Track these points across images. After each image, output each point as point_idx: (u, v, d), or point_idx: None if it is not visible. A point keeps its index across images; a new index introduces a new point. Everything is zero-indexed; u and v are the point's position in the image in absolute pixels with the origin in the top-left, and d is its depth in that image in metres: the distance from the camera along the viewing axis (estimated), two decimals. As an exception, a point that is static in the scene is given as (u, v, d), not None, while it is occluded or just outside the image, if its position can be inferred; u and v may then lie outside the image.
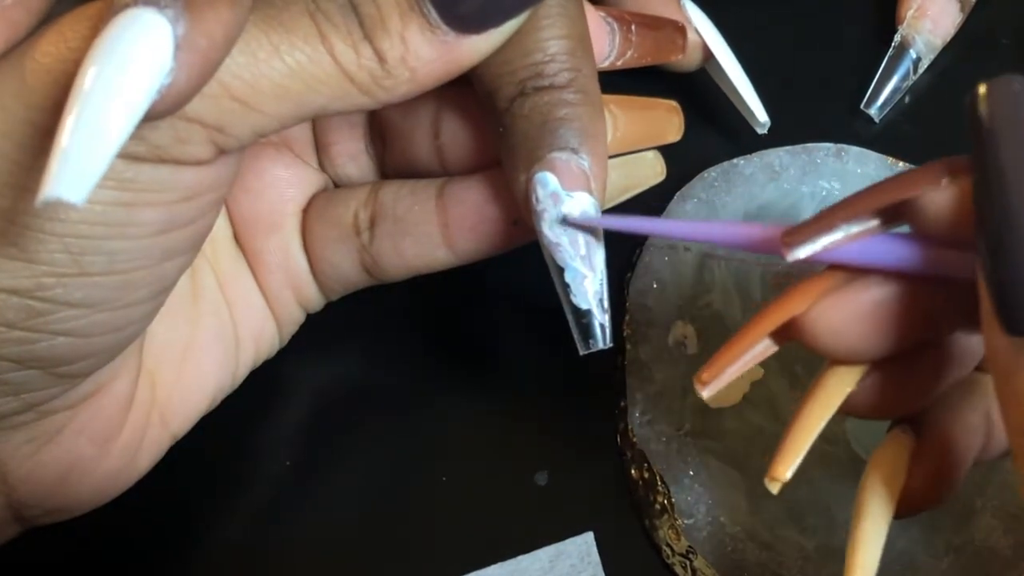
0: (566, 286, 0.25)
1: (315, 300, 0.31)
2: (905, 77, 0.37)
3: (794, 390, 0.32)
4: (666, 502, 0.31)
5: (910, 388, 0.22)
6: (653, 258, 0.34)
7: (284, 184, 0.30)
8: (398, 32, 0.22)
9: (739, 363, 0.21)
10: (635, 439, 0.32)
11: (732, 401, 0.32)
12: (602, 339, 0.25)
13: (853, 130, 0.38)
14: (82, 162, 0.18)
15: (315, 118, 0.27)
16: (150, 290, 0.23)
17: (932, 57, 0.38)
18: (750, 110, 0.35)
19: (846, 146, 0.36)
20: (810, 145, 0.36)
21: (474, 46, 0.23)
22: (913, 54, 0.37)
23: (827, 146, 0.36)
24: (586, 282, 0.25)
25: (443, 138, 0.28)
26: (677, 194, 0.35)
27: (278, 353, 0.31)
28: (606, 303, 0.25)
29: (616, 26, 0.29)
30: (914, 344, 0.21)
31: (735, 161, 0.36)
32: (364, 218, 0.29)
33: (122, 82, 0.18)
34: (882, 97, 0.37)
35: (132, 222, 0.22)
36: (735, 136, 0.37)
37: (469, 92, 0.26)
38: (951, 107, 0.38)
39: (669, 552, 0.31)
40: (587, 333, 0.25)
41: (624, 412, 0.33)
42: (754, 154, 0.36)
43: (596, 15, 0.28)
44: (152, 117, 0.19)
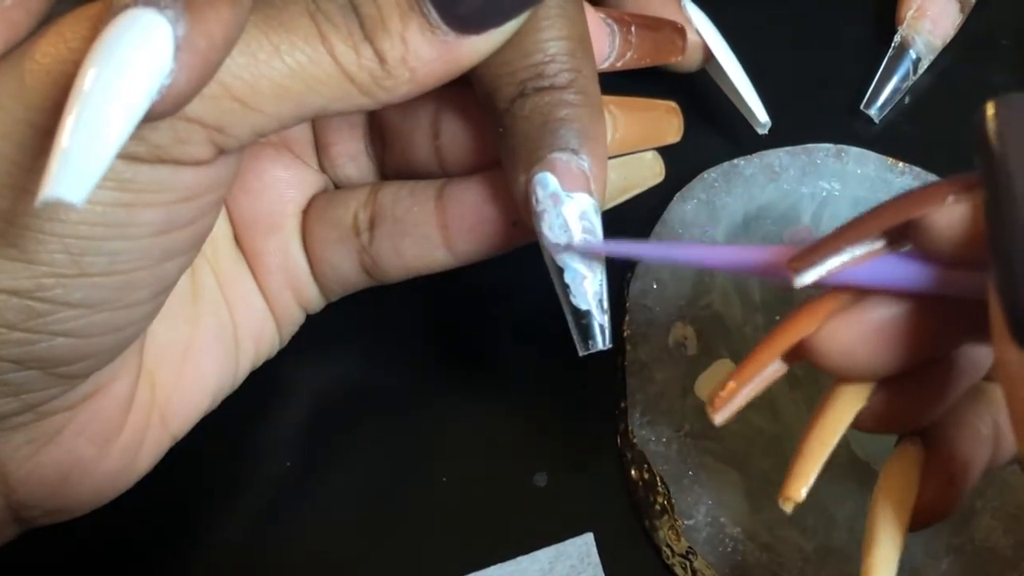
0: (566, 287, 0.25)
1: (315, 301, 0.31)
2: (905, 78, 0.37)
3: (794, 391, 0.32)
4: (666, 503, 0.31)
5: (919, 402, 0.22)
6: (653, 259, 0.34)
7: (284, 185, 0.30)
8: (398, 32, 0.22)
9: (751, 386, 0.21)
10: (635, 440, 0.32)
11: (732, 402, 0.32)
12: (601, 340, 0.25)
13: (853, 130, 0.38)
14: (82, 163, 0.18)
15: (315, 118, 0.26)
16: (150, 291, 0.23)
17: (932, 58, 0.38)
18: (751, 110, 0.35)
19: (846, 147, 0.36)
20: (810, 146, 0.36)
21: (474, 46, 0.23)
22: (913, 55, 0.37)
23: (827, 147, 0.36)
24: (585, 283, 0.25)
25: (443, 139, 0.28)
26: (677, 195, 0.35)
27: (278, 354, 0.31)
28: (605, 304, 0.25)
29: (616, 27, 0.29)
30: (923, 360, 0.21)
31: (735, 162, 0.36)
32: (364, 219, 0.29)
33: (122, 83, 0.18)
34: (882, 97, 0.37)
35: (132, 222, 0.22)
36: (735, 137, 0.37)
37: (469, 93, 0.26)
38: (951, 108, 0.38)
39: (669, 553, 0.31)
40: (586, 334, 0.25)
41: (624, 413, 0.32)
42: (754, 155, 0.36)
43: (596, 16, 0.28)
44: (152, 118, 0.19)
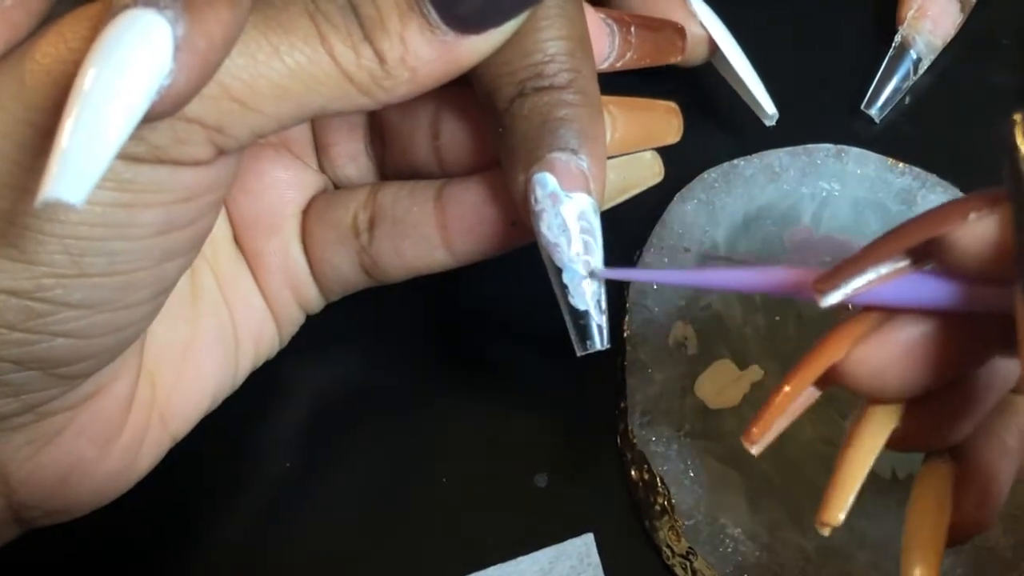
0: (564, 287, 0.25)
1: (315, 301, 0.31)
2: (905, 78, 0.37)
3: (794, 391, 0.32)
4: (666, 503, 0.31)
5: (949, 419, 0.22)
6: (653, 259, 0.34)
7: (284, 185, 0.30)
8: (398, 32, 0.22)
9: (785, 416, 0.22)
10: (635, 440, 0.32)
11: (732, 403, 0.32)
12: (600, 340, 0.25)
13: (853, 131, 0.37)
14: (82, 163, 0.18)
15: (314, 119, 0.27)
16: (150, 291, 0.23)
17: (932, 58, 0.38)
18: (758, 102, 0.35)
19: (846, 147, 0.36)
20: (810, 146, 0.36)
21: (474, 46, 0.23)
22: (913, 54, 0.37)
23: (827, 147, 0.36)
24: (584, 283, 0.25)
25: (442, 139, 0.28)
26: (677, 195, 0.35)
27: (278, 354, 0.31)
28: (604, 304, 0.25)
29: (615, 27, 0.29)
30: (952, 377, 0.21)
31: (735, 162, 0.36)
32: (363, 219, 0.29)
33: (121, 83, 0.18)
34: (882, 98, 0.37)
35: (132, 223, 0.22)
36: (735, 137, 0.37)
37: (468, 93, 0.26)
38: (952, 108, 0.38)
39: (669, 553, 0.31)
40: (585, 334, 0.25)
41: (624, 413, 0.32)
42: (754, 155, 0.36)
43: (595, 16, 0.28)
44: (151, 118, 0.19)
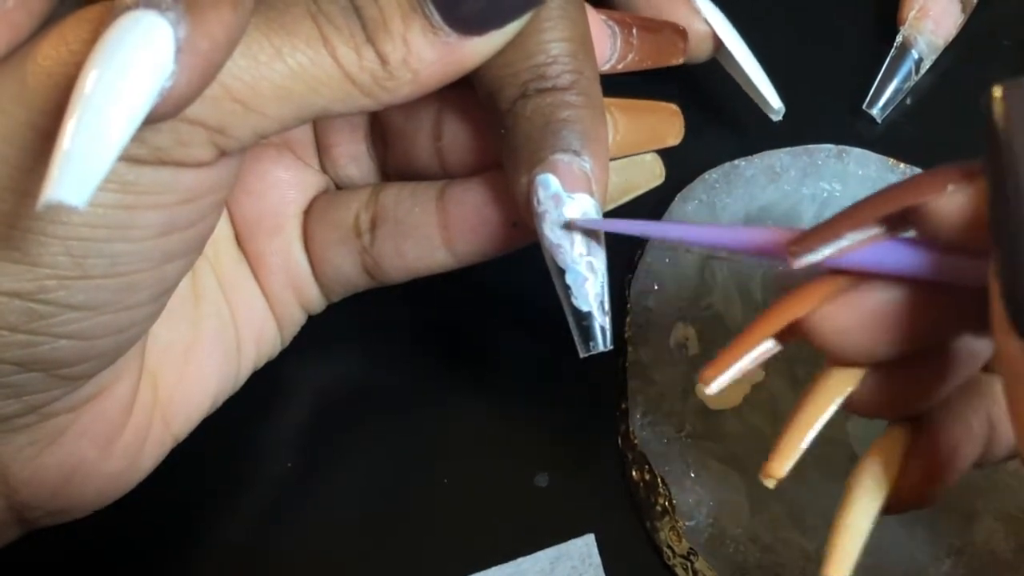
0: (567, 288, 0.25)
1: (316, 301, 0.31)
2: (907, 78, 0.37)
3: (795, 392, 0.32)
4: (667, 504, 0.31)
5: (912, 389, 0.22)
6: (654, 259, 0.34)
7: (285, 186, 0.30)
8: (400, 34, 0.22)
9: (742, 362, 0.21)
10: (636, 441, 0.32)
11: (733, 403, 0.32)
12: (603, 341, 0.25)
13: (855, 131, 0.37)
14: (84, 165, 0.18)
15: (316, 120, 0.27)
16: (152, 292, 0.23)
17: (934, 58, 0.38)
18: (763, 97, 0.35)
19: (847, 147, 0.36)
20: (811, 146, 0.36)
21: (476, 48, 0.23)
22: (915, 55, 0.37)
23: (828, 147, 0.36)
24: (587, 284, 0.25)
25: (444, 140, 0.28)
26: (678, 195, 0.35)
27: (279, 354, 0.31)
28: (607, 305, 0.25)
29: (617, 29, 0.29)
30: (920, 347, 0.21)
31: (736, 162, 0.36)
32: (365, 220, 0.29)
33: (123, 85, 0.18)
34: (884, 98, 0.37)
35: (134, 224, 0.22)
36: (736, 137, 0.37)
37: (470, 94, 0.26)
38: (953, 108, 0.38)
39: (670, 554, 0.31)
40: (588, 335, 0.25)
41: (625, 414, 0.32)
42: (755, 155, 0.36)
43: (597, 18, 0.28)
44: (153, 120, 0.19)
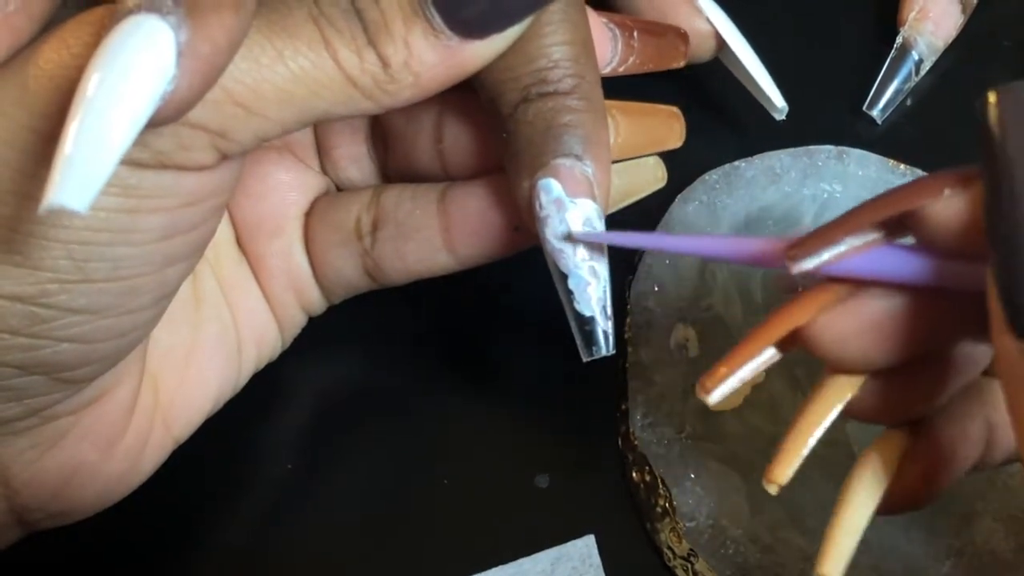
0: (569, 293, 0.25)
1: (317, 303, 0.31)
2: (907, 79, 0.37)
3: (795, 393, 0.32)
4: (667, 505, 0.31)
5: (911, 395, 0.22)
6: (654, 261, 0.34)
7: (286, 188, 0.30)
8: (402, 37, 0.22)
9: (743, 371, 0.21)
10: (636, 442, 0.32)
11: (733, 404, 0.32)
12: (605, 346, 0.25)
13: (855, 132, 0.37)
14: (85, 169, 0.18)
15: (318, 123, 0.26)
16: (153, 295, 0.23)
17: (934, 59, 0.38)
18: (767, 96, 0.35)
19: (847, 148, 0.36)
20: (811, 147, 0.36)
21: (478, 51, 0.23)
22: (915, 56, 0.37)
23: (828, 148, 0.36)
24: (589, 289, 0.25)
25: (445, 143, 0.28)
26: (678, 196, 0.35)
27: (280, 355, 0.31)
28: (609, 310, 0.25)
29: (618, 32, 0.29)
30: (919, 354, 0.21)
31: (736, 163, 0.36)
32: (366, 222, 0.29)
33: (125, 89, 0.18)
34: (884, 99, 0.37)
35: (135, 228, 0.22)
36: (736, 138, 0.37)
37: (472, 97, 0.26)
38: (953, 109, 0.38)
39: (670, 555, 0.31)
40: (590, 340, 0.25)
41: (625, 415, 0.33)
42: (755, 156, 0.36)
43: (598, 21, 0.28)
44: (155, 124, 0.19)
